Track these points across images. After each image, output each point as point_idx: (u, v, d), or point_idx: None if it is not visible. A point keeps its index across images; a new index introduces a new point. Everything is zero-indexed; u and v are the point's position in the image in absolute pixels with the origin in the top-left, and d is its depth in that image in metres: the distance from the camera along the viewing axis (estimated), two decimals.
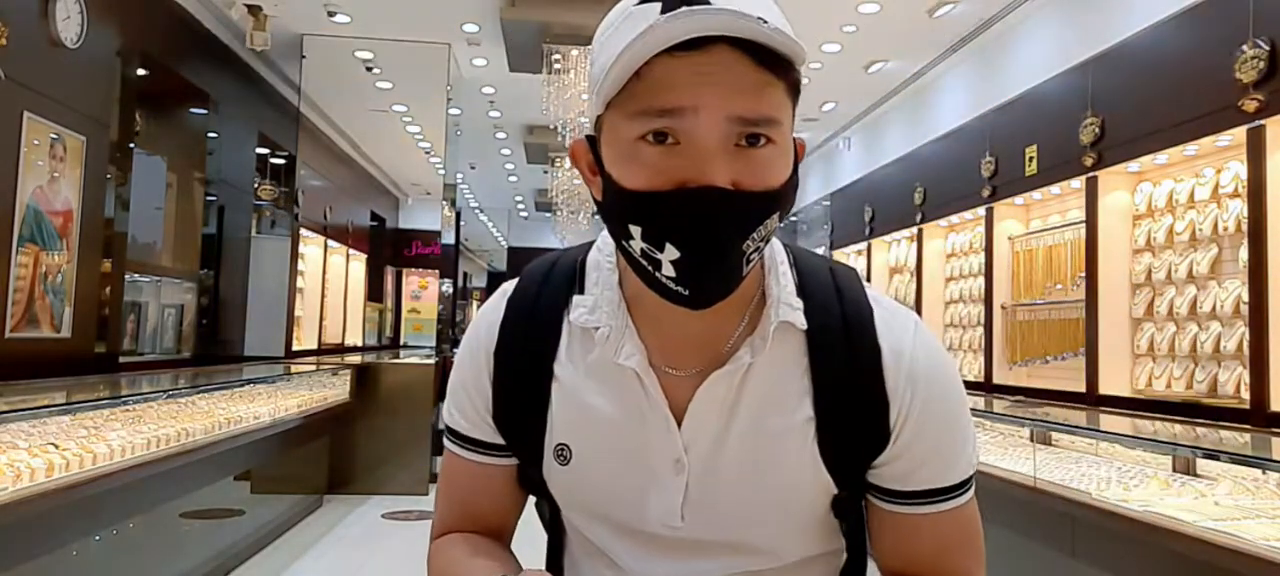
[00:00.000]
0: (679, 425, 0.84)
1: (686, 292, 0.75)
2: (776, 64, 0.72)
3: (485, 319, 0.93)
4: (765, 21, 0.69)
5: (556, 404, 0.88)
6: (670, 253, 0.73)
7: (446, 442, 0.97)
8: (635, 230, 0.75)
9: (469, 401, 0.92)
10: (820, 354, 0.84)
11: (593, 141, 0.81)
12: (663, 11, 0.70)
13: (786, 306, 0.84)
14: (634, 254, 0.77)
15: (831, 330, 0.85)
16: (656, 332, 0.85)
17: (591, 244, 0.94)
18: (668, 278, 0.75)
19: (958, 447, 0.87)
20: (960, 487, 0.87)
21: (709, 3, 0.70)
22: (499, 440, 0.93)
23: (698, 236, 0.72)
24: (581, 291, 0.89)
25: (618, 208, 0.76)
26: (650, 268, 0.76)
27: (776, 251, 0.87)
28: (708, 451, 0.84)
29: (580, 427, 0.87)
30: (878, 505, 0.89)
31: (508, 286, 0.95)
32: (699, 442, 0.84)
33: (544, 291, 0.91)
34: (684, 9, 0.69)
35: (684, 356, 0.85)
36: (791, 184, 0.77)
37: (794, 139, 0.78)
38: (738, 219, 0.73)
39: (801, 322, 0.84)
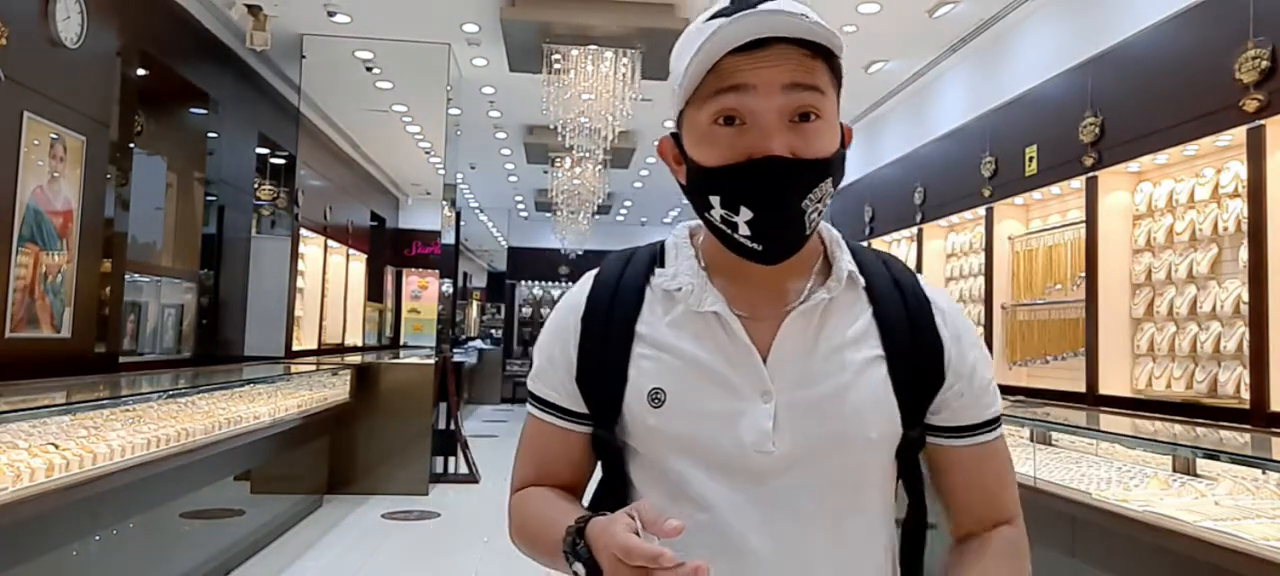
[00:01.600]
0: (764, 361, 0.97)
1: (760, 248, 0.93)
2: (819, 53, 0.91)
3: (573, 295, 1.06)
4: (807, 16, 0.89)
5: (644, 357, 0.99)
6: (744, 214, 0.92)
7: (530, 408, 1.07)
8: (715, 200, 0.93)
9: (554, 369, 1.04)
10: (880, 305, 1.01)
11: (676, 138, 0.99)
12: (727, 14, 0.90)
13: (850, 265, 1.02)
14: (715, 221, 0.95)
15: (886, 286, 1.03)
16: (734, 285, 0.99)
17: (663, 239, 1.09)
18: (744, 237, 0.93)
19: (990, 383, 1.05)
20: (996, 423, 1.05)
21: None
22: (580, 408, 1.03)
23: (765, 198, 0.91)
24: (662, 266, 1.04)
25: (699, 184, 0.95)
26: (729, 231, 0.94)
27: (833, 232, 1.06)
28: (792, 382, 0.96)
29: (672, 371, 0.97)
30: (943, 446, 1.03)
31: (593, 272, 1.09)
32: (783, 374, 0.96)
33: (627, 269, 1.05)
34: (740, 13, 0.89)
35: (760, 309, 0.99)
36: (840, 157, 0.95)
37: (842, 125, 0.96)
38: (796, 182, 0.90)
39: (861, 279, 1.02)
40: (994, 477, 1.05)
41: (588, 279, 1.07)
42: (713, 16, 0.92)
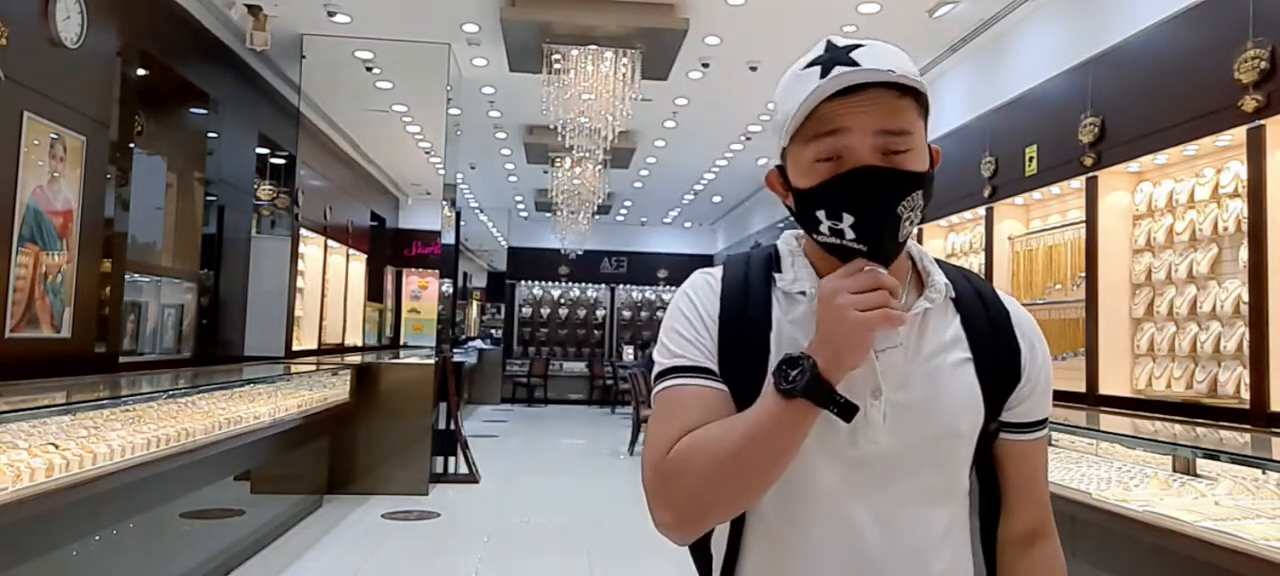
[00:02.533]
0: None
1: (866, 248, 1.02)
2: (908, 93, 1.02)
3: (701, 291, 1.15)
4: (893, 71, 1.00)
5: (775, 347, 1.08)
6: (847, 220, 1.02)
7: (669, 381, 1.11)
8: (820, 214, 1.04)
9: (696, 342, 1.11)
10: (967, 313, 1.15)
11: (781, 171, 1.10)
12: (822, 76, 1.01)
13: (943, 278, 1.15)
14: (825, 236, 1.06)
15: (970, 298, 1.17)
16: None
17: (773, 245, 1.20)
18: (851, 241, 1.03)
19: (1050, 383, 1.22)
20: (1048, 418, 1.22)
21: (856, 65, 1.00)
22: (723, 385, 1.10)
23: (864, 198, 1.01)
24: (779, 270, 1.15)
25: (807, 205, 1.06)
26: (837, 239, 1.04)
27: (922, 248, 1.18)
28: (898, 382, 1.08)
29: None
30: (1011, 441, 1.18)
31: (711, 270, 1.18)
32: (892, 375, 1.08)
33: (750, 272, 1.16)
34: (837, 70, 1.00)
35: None
36: (930, 176, 1.06)
37: (930, 146, 1.07)
38: (889, 187, 1.01)
39: (951, 293, 1.15)
40: (1043, 470, 1.23)
41: (713, 276, 1.16)
42: (811, 64, 1.03)
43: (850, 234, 1.03)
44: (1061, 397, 5.12)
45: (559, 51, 6.80)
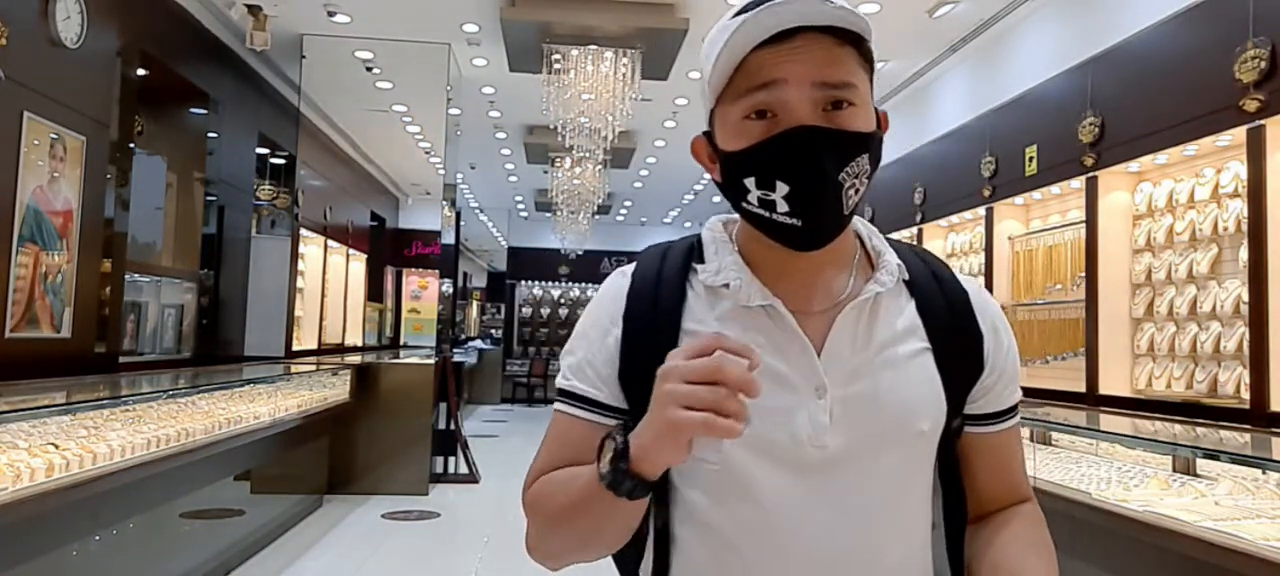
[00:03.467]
0: (817, 356, 0.96)
1: (800, 223, 0.90)
2: (848, 39, 0.89)
3: (610, 291, 1.03)
4: (829, 11, 0.87)
5: None
6: (781, 189, 0.89)
7: (561, 407, 1.02)
8: (750, 182, 0.91)
9: (593, 365, 1.00)
10: (923, 297, 1.01)
11: (708, 136, 0.98)
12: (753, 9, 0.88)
13: (895, 259, 1.02)
14: (753, 208, 0.93)
15: (925, 281, 1.03)
16: (780, 281, 0.97)
17: (697, 234, 1.07)
18: (783, 215, 0.90)
19: (1017, 371, 1.08)
20: (1017, 407, 1.08)
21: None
22: (619, 403, 0.99)
23: (800, 167, 0.88)
24: (701, 261, 1.01)
25: (733, 170, 0.93)
26: (767, 212, 0.92)
27: (870, 227, 1.06)
28: (845, 377, 0.95)
29: None
30: (976, 434, 1.05)
31: (625, 268, 1.05)
32: (837, 369, 0.95)
33: (665, 265, 1.02)
34: (764, 6, 0.87)
35: (808, 305, 0.98)
36: (877, 138, 0.93)
37: (877, 110, 0.94)
38: (831, 149, 0.88)
39: (905, 274, 1.02)
40: (1017, 459, 1.09)
41: (623, 274, 1.04)
42: (738, 13, 0.90)
43: (783, 206, 0.90)
44: (1062, 397, 5.12)
45: (559, 51, 6.80)
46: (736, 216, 1.01)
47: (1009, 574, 0.96)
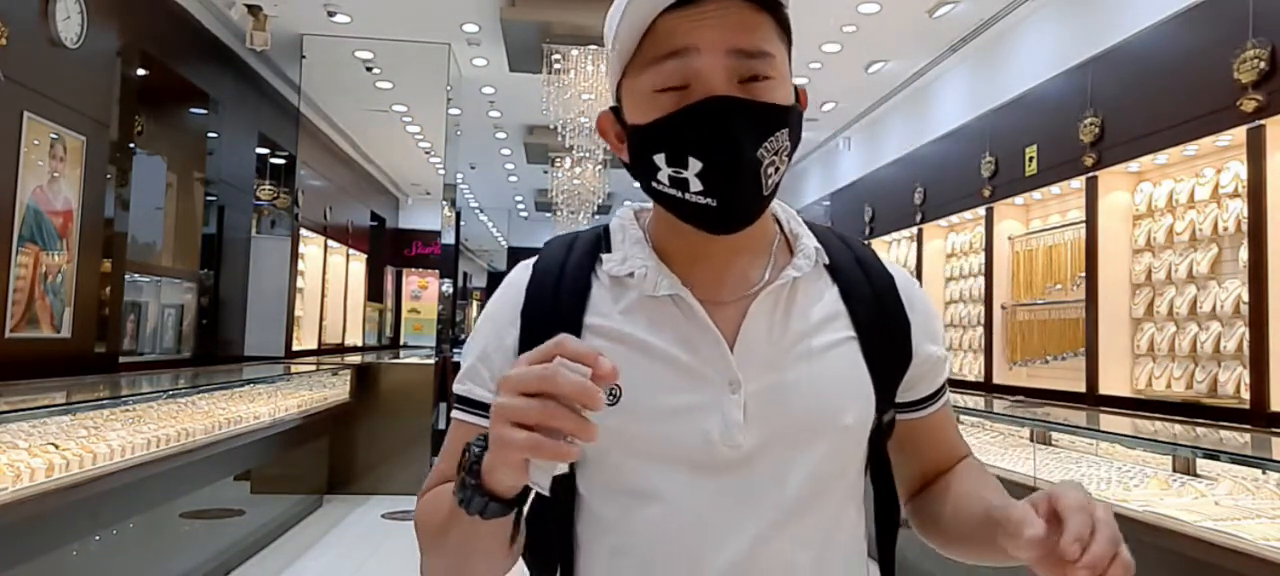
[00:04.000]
0: (730, 348, 0.88)
1: (714, 204, 0.83)
2: (764, 6, 0.83)
3: (510, 285, 0.95)
4: None
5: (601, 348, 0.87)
6: (694, 166, 0.82)
7: (457, 413, 0.93)
8: (660, 159, 0.83)
9: (489, 367, 0.92)
10: (846, 283, 0.94)
11: (616, 112, 0.90)
12: None
13: (814, 242, 0.95)
14: (664, 188, 0.85)
15: (849, 265, 0.96)
16: (691, 269, 0.90)
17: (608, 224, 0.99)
18: (696, 194, 0.83)
19: (944, 350, 1.02)
20: (945, 387, 1.03)
21: None
22: None
23: (714, 139, 0.81)
24: (608, 250, 0.93)
25: (642, 146, 0.85)
26: (679, 192, 0.84)
27: (789, 209, 0.98)
28: (761, 369, 0.88)
29: (628, 363, 0.85)
30: (906, 421, 1.00)
31: (529, 261, 0.97)
32: (752, 361, 0.88)
33: (570, 256, 0.94)
34: None
35: (720, 293, 0.90)
36: (797, 112, 0.86)
37: (796, 86, 0.87)
38: (748, 122, 0.81)
39: (825, 258, 0.95)
40: (951, 427, 1.05)
41: (525, 267, 0.96)
42: None
43: (696, 185, 0.82)
44: (1062, 397, 5.13)
45: (559, 51, 6.80)
46: (651, 205, 0.94)
47: (970, 498, 0.94)
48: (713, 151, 0.81)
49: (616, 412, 0.86)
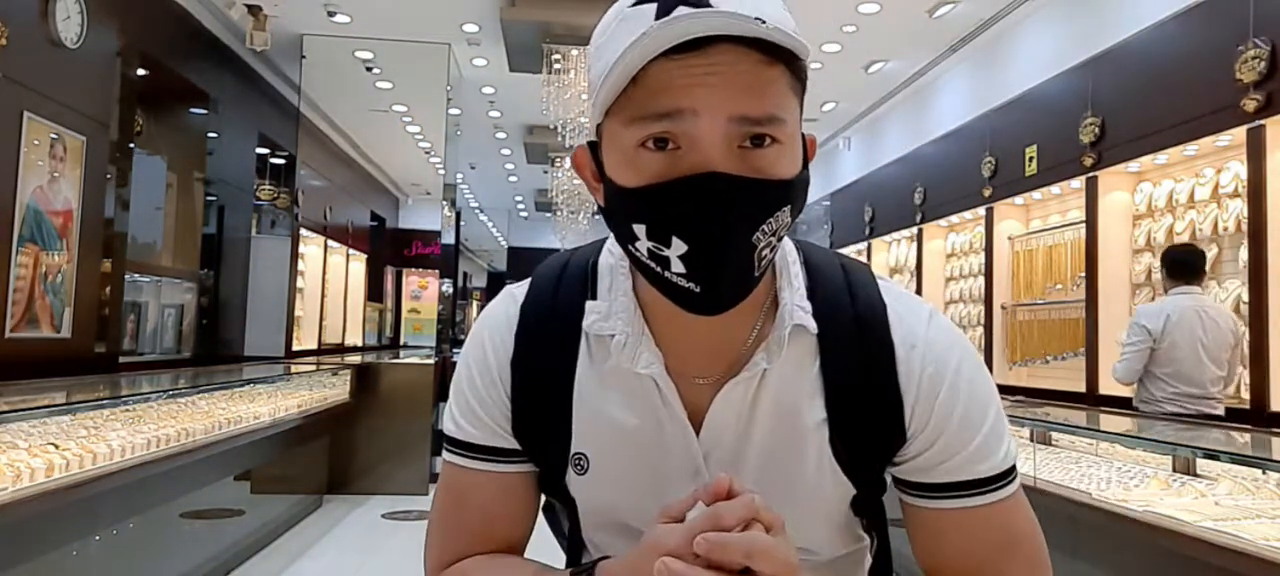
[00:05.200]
0: (697, 433, 0.83)
1: (697, 289, 0.73)
2: (778, 56, 0.70)
3: (496, 327, 0.88)
4: (763, 21, 0.67)
5: (576, 412, 0.85)
6: (677, 247, 0.71)
7: (451, 459, 0.89)
8: (640, 229, 0.73)
9: (484, 412, 0.87)
10: (830, 355, 0.82)
11: (594, 147, 0.80)
12: (658, 16, 0.68)
13: (799, 310, 0.82)
14: (641, 256, 0.75)
15: (842, 330, 0.83)
16: (672, 338, 0.83)
17: (602, 244, 0.90)
18: (678, 276, 0.73)
19: (984, 437, 0.83)
20: (991, 483, 0.83)
21: (707, 3, 0.68)
22: (518, 446, 0.88)
23: (704, 224, 0.70)
24: (593, 296, 0.85)
25: (621, 209, 0.74)
26: (659, 268, 0.74)
27: (788, 251, 0.85)
28: (726, 459, 0.82)
29: (597, 436, 0.84)
30: (907, 501, 0.86)
31: (515, 291, 0.91)
32: (717, 450, 0.83)
33: (558, 299, 0.87)
34: (680, 10, 0.67)
35: (701, 363, 0.83)
36: (802, 180, 0.75)
37: (804, 135, 0.76)
38: (745, 204, 0.70)
39: (812, 327, 0.82)
40: (991, 550, 0.83)
41: (512, 308, 0.89)
42: (637, 1, 0.71)
43: (679, 266, 0.72)
44: (1062, 397, 5.13)
45: (559, 51, 6.80)
46: None
47: None
48: (701, 235, 0.70)
49: (585, 481, 0.85)
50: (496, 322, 0.89)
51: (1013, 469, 0.85)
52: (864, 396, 0.82)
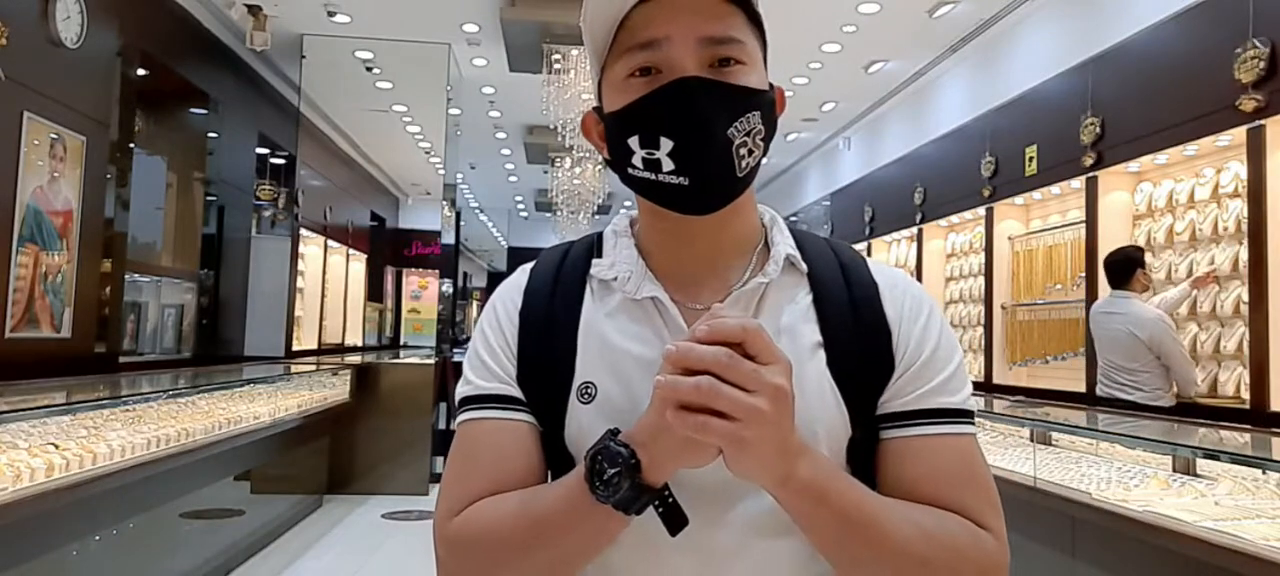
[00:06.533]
0: None
1: (687, 181, 0.84)
2: (734, 1, 0.87)
3: (508, 290, 0.97)
4: None
5: (583, 350, 0.90)
6: (665, 145, 0.84)
7: (466, 414, 0.93)
8: (634, 142, 0.86)
9: (494, 361, 0.93)
10: (821, 288, 0.92)
11: (599, 111, 0.93)
12: None
13: (790, 250, 0.93)
14: (639, 171, 0.87)
15: (830, 271, 0.94)
16: (672, 271, 0.92)
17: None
18: (669, 174, 0.85)
19: (952, 371, 0.91)
20: (958, 415, 0.89)
21: None
22: (524, 397, 0.92)
23: (684, 117, 0.83)
24: (600, 256, 0.96)
25: (617, 132, 0.88)
26: (653, 174, 0.86)
27: (777, 218, 0.98)
28: None
29: (605, 364, 0.89)
30: (884, 438, 0.89)
31: (526, 266, 0.99)
32: None
33: (566, 261, 0.97)
34: None
35: (700, 294, 0.91)
36: (768, 100, 0.88)
37: (773, 85, 0.90)
38: (717, 100, 0.84)
39: (803, 266, 0.92)
40: (966, 472, 0.87)
41: (522, 272, 0.99)
42: None
43: (668, 164, 0.84)
44: (1062, 397, 5.12)
45: (559, 51, 6.80)
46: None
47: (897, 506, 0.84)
48: (683, 129, 0.83)
49: (592, 410, 0.88)
50: (508, 287, 0.98)
51: (973, 415, 0.92)
52: (855, 323, 0.90)
